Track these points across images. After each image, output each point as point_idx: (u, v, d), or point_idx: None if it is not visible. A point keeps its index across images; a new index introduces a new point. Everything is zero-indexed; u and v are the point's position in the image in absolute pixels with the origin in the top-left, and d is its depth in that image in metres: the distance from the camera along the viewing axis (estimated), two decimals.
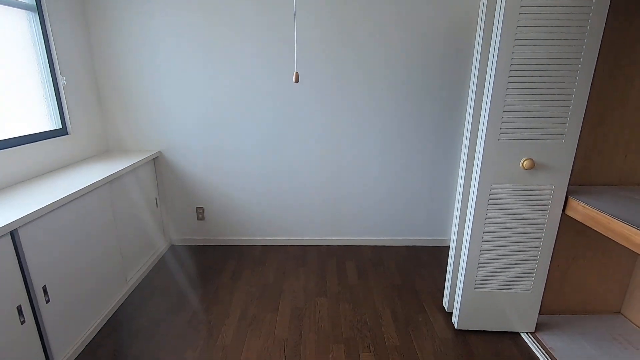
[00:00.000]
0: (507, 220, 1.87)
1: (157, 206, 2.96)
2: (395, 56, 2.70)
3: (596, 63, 1.68)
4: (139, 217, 2.63)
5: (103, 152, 2.83)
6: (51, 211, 1.73)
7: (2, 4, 1.99)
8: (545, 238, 1.88)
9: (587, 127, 1.91)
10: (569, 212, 1.81)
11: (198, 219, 3.11)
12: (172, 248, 3.12)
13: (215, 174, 2.99)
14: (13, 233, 1.54)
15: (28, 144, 2.09)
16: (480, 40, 1.81)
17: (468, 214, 1.94)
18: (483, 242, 1.92)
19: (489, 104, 1.71)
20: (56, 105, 2.37)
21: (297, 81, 1.15)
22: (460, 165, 2.04)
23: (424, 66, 2.73)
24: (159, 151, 2.92)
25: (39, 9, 2.22)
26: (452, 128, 2.88)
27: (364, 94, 2.79)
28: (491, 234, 1.90)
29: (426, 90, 2.78)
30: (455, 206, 2.12)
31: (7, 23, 2.02)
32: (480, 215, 1.87)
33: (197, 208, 3.08)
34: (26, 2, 2.14)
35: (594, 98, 1.87)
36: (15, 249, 1.55)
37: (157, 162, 2.95)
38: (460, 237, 2.11)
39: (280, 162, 2.96)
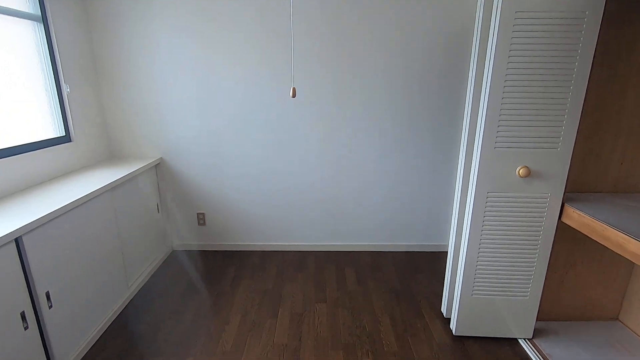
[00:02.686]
0: (504, 227, 1.89)
1: (158, 212, 2.99)
2: (392, 65, 2.74)
3: (590, 72, 1.70)
4: (140, 223, 2.66)
5: (106, 159, 2.87)
6: (54, 218, 1.76)
7: (9, 14, 2.03)
8: (542, 245, 1.90)
9: (582, 135, 1.94)
10: (565, 220, 1.83)
11: (199, 224, 3.14)
12: (173, 253, 3.14)
13: (216, 180, 3.02)
14: (17, 240, 1.57)
15: (32, 152, 2.13)
16: (477, 50, 1.84)
17: (465, 220, 1.96)
18: (480, 249, 1.94)
19: (485, 112, 1.74)
20: (60, 113, 2.41)
21: (294, 96, 1.18)
22: (458, 173, 2.06)
23: (421, 75, 2.76)
24: (161, 157, 2.96)
25: (44, 19, 2.27)
26: (450, 135, 2.90)
27: (362, 100, 2.82)
28: (488, 240, 1.92)
29: (424, 98, 2.82)
30: (453, 213, 2.14)
31: (13, 33, 2.06)
32: (478, 222, 1.89)
33: (198, 214, 3.11)
34: (32, 13, 2.19)
35: (589, 106, 1.90)
36: (19, 256, 1.58)
37: (158, 168, 2.99)
38: (458, 244, 2.13)
39: (280, 168, 2.99)
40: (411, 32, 2.68)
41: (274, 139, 2.92)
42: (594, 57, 1.68)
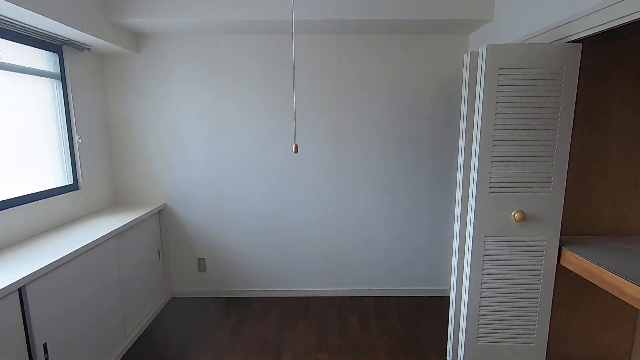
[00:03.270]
0: (504, 272, 1.90)
1: (159, 258, 2.99)
2: (387, 115, 2.89)
3: (574, 121, 1.81)
4: (141, 269, 2.66)
5: (111, 205, 2.93)
6: (58, 267, 1.79)
7: (32, 74, 2.19)
8: (544, 289, 1.90)
9: (572, 179, 2.01)
10: (563, 263, 1.85)
11: (199, 270, 3.13)
12: (173, 300, 3.09)
13: (217, 226, 3.05)
14: (21, 290, 1.58)
15: (41, 200, 2.19)
16: (466, 102, 1.97)
17: (465, 265, 1.97)
18: (482, 294, 1.93)
19: (477, 159, 1.83)
20: (70, 162, 2.51)
21: (296, 152, 1.26)
22: (455, 218, 2.10)
23: (416, 123, 2.90)
24: (164, 203, 3.02)
25: (62, 77, 2.44)
26: (447, 179, 2.99)
27: (360, 148, 2.93)
28: (489, 285, 1.92)
29: (420, 145, 2.93)
30: (453, 258, 2.16)
31: (34, 90, 2.21)
32: (477, 267, 1.91)
33: (198, 259, 3.11)
34: (52, 71, 2.36)
35: (575, 153, 1.99)
36: (21, 306, 1.58)
37: (161, 214, 3.04)
38: (460, 289, 2.12)
39: (282, 214, 3.04)
40: (403, 82, 2.85)
41: (277, 187, 2.99)
42: (575, 108, 1.80)
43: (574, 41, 1.72)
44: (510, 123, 1.79)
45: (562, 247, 1.86)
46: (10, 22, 1.91)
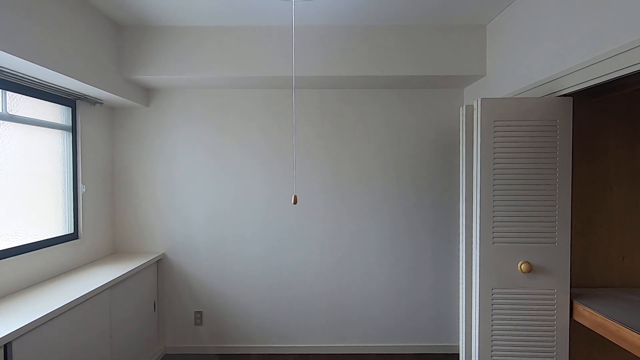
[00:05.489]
0: (515, 327, 1.80)
1: (154, 310, 2.88)
2: (388, 166, 2.94)
3: (572, 170, 1.83)
4: (134, 322, 2.54)
5: (111, 254, 2.88)
6: (48, 321, 1.71)
7: (45, 126, 2.29)
8: (559, 346, 1.79)
9: (577, 230, 1.98)
10: (577, 318, 1.76)
11: (195, 324, 2.99)
12: (166, 358, 2.92)
13: (216, 278, 2.97)
14: (6, 346, 1.50)
15: (40, 250, 2.17)
16: (464, 153, 2.01)
17: (474, 320, 1.88)
18: (493, 350, 1.82)
19: (478, 210, 1.82)
20: (72, 211, 2.52)
21: (295, 203, 1.27)
22: (460, 270, 2.05)
23: (416, 173, 2.94)
24: (163, 253, 2.97)
25: (73, 129, 2.53)
26: (449, 229, 2.95)
27: (362, 201, 2.94)
28: (501, 341, 1.81)
29: (420, 194, 2.95)
30: (460, 312, 2.06)
31: (45, 141, 2.29)
32: (486, 321, 1.81)
33: (195, 312, 2.98)
34: (64, 124, 2.46)
35: (577, 202, 1.98)
36: None
37: (160, 264, 2.98)
38: (469, 345, 2.00)
39: (281, 266, 2.97)
40: (402, 133, 2.94)
41: (277, 239, 2.96)
42: (573, 157, 1.82)
43: (564, 95, 1.79)
44: (509, 173, 1.80)
45: (574, 301, 1.78)
46: (29, 79, 2.03)
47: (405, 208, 2.95)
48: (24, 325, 1.56)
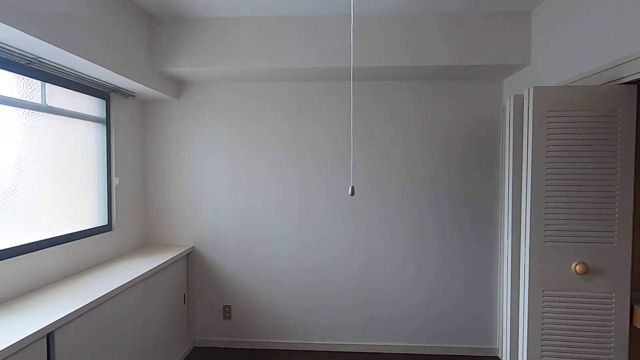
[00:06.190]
0: (568, 331, 1.68)
1: (184, 303, 2.89)
2: (421, 162, 2.83)
3: (635, 163, 1.68)
4: (165, 314, 2.55)
5: (141, 247, 2.90)
6: (87, 312, 1.72)
7: (82, 119, 2.30)
8: (616, 353, 1.66)
9: None
10: (637, 324, 1.63)
11: (224, 317, 2.98)
12: (195, 350, 2.93)
13: (245, 272, 2.95)
14: (49, 336, 1.51)
15: (75, 241, 2.19)
16: (511, 147, 1.89)
17: (521, 323, 1.77)
18: (543, 357, 1.71)
19: (529, 207, 1.70)
20: (106, 203, 2.54)
21: (352, 194, 1.20)
22: (504, 270, 1.94)
23: (449, 168, 2.82)
24: (193, 246, 2.97)
25: (107, 121, 2.55)
26: (483, 226, 2.82)
27: (394, 198, 2.85)
28: (551, 346, 1.70)
29: (454, 190, 2.83)
30: (504, 314, 1.96)
31: (80, 133, 2.30)
32: (536, 325, 1.70)
33: (224, 306, 2.98)
34: (98, 116, 2.48)
35: None
36: (47, 354, 1.50)
37: (189, 257, 2.98)
38: (515, 351, 1.89)
39: (310, 262, 2.92)
40: (436, 128, 2.82)
41: (307, 235, 2.91)
42: (636, 150, 1.68)
43: (627, 83, 1.65)
44: (563, 167, 1.68)
45: (635, 306, 1.64)
46: (67, 71, 2.04)
47: (436, 205, 2.84)
48: (65, 315, 1.57)
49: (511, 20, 2.43)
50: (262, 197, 2.93)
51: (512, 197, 1.88)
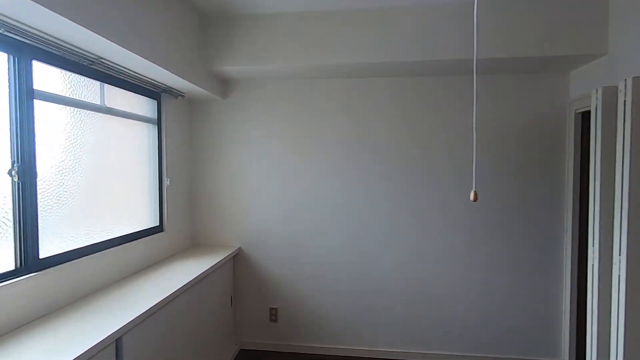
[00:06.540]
0: None
1: (231, 305, 2.86)
2: (473, 160, 2.67)
3: None
4: (214, 316, 2.52)
5: (189, 248, 2.89)
6: (152, 314, 1.69)
7: (135, 119, 2.30)
8: None
9: None
10: None
11: (271, 320, 2.93)
12: (242, 353, 2.89)
13: (292, 274, 2.89)
14: (118, 341, 1.48)
15: (132, 242, 2.18)
16: (599, 144, 1.71)
17: (613, 341, 1.59)
18: None
19: (626, 212, 1.52)
20: (158, 203, 2.54)
21: (475, 200, 1.09)
22: (589, 281, 1.76)
23: (506, 168, 2.64)
24: (239, 247, 2.93)
25: (158, 122, 2.54)
26: (548, 231, 2.63)
27: (455, 192, 2.70)
28: None
29: (518, 182, 2.65)
30: (589, 328, 1.78)
31: (133, 134, 2.30)
32: (635, 345, 1.52)
33: (270, 309, 2.92)
34: (150, 117, 2.47)
35: None
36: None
37: (236, 258, 2.95)
38: None
39: (360, 263, 2.81)
40: (489, 126, 2.65)
41: (356, 233, 2.81)
42: None
43: None
44: None
45: None
46: (122, 70, 2.03)
47: (499, 209, 2.67)
48: (132, 319, 1.54)
49: (585, 8, 2.22)
50: (310, 198, 2.85)
51: (599, 201, 1.70)
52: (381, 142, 2.76)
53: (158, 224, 2.54)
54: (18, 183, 1.51)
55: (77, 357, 1.25)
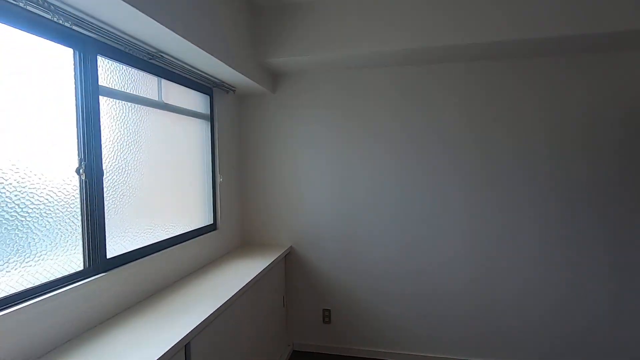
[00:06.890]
0: None
1: (283, 305, 2.77)
2: (550, 154, 2.40)
3: None
4: (267, 317, 2.44)
5: (240, 246, 2.84)
6: (217, 317, 1.62)
7: (189, 115, 2.25)
8: None
9: None
10: None
11: (324, 322, 2.82)
12: (295, 354, 2.81)
13: (346, 273, 2.76)
14: (187, 347, 1.42)
15: (189, 241, 2.14)
16: None
17: None
18: None
19: None
20: (212, 201, 2.49)
21: None
22: None
23: (587, 161, 2.36)
24: (291, 246, 2.84)
25: (211, 117, 2.48)
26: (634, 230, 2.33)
27: (522, 185, 2.46)
28: None
29: (597, 189, 2.36)
30: None
31: (187, 130, 2.25)
32: None
33: (323, 310, 2.81)
34: (204, 113, 2.42)
35: None
36: None
37: (287, 257, 2.86)
38: None
39: (418, 263, 2.64)
40: (569, 114, 2.37)
41: (414, 232, 2.63)
42: None
43: None
44: None
45: None
46: (178, 63, 1.96)
47: (581, 203, 2.39)
48: (199, 323, 1.47)
49: None
50: (362, 196, 2.70)
51: None
52: (454, 134, 2.54)
53: (212, 222, 2.49)
54: (85, 181, 1.48)
55: None
